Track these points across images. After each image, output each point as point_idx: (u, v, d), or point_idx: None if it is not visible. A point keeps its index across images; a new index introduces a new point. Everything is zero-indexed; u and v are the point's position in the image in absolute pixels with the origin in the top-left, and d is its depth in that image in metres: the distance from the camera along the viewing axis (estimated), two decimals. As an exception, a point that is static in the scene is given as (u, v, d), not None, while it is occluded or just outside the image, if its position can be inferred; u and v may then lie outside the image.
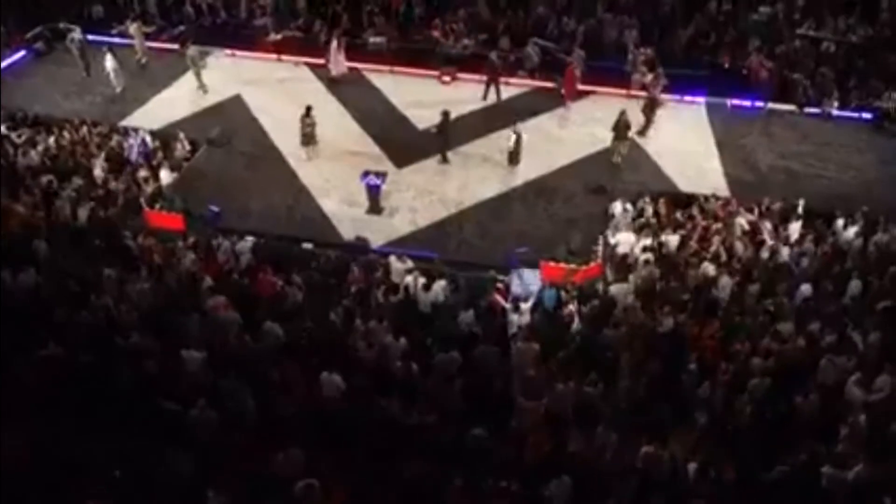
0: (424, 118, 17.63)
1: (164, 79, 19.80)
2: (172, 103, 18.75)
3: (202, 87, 19.07)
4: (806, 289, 12.89)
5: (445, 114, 16.50)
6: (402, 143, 17.23)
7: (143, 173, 15.81)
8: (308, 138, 16.71)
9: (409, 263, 13.41)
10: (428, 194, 15.76)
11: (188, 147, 16.89)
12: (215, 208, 14.80)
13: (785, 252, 13.91)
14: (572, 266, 13.54)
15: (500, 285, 13.31)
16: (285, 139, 17.03)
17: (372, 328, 12.01)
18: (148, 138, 16.92)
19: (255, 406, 10.04)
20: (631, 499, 8.89)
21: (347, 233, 14.63)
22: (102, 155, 16.12)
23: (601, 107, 18.60)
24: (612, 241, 14.39)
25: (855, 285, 12.57)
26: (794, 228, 14.72)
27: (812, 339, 11.51)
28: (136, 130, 17.13)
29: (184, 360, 10.69)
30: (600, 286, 13.35)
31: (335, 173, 16.31)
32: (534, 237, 14.60)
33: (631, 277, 13.18)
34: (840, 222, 14.45)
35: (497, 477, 8.84)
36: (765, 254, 14.06)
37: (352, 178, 15.91)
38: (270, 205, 15.41)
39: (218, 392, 10.19)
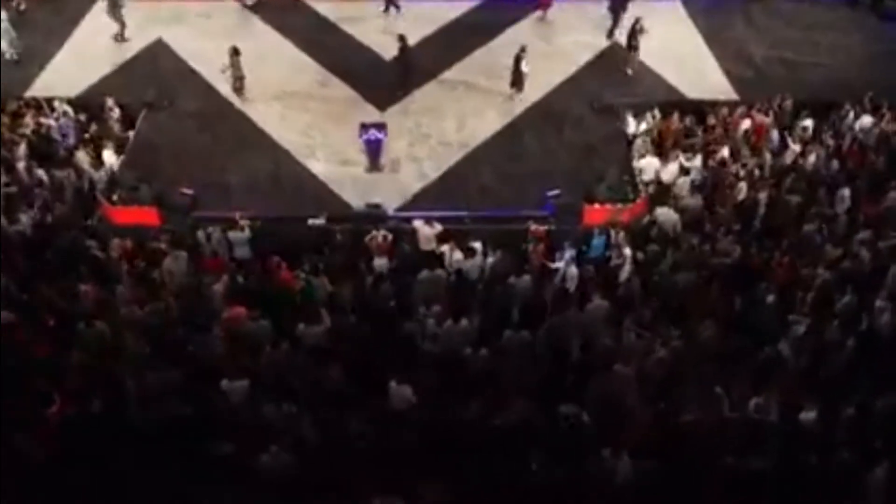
0: (389, 45, 15.29)
1: (58, 27, 16.27)
2: (82, 60, 15.51)
3: (122, 34, 15.77)
4: (845, 193, 12.38)
5: (402, 39, 14.49)
6: (374, 79, 15.06)
7: (81, 157, 12.94)
8: (240, 83, 14.24)
9: (438, 227, 11.78)
10: (425, 139, 13.91)
11: (118, 115, 13.93)
12: (188, 191, 12.35)
13: (811, 156, 13.29)
14: (618, 205, 12.30)
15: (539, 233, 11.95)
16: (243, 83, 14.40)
17: (425, 314, 10.49)
18: (69, 110, 13.89)
19: (320, 434, 8.57)
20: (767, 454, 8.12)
21: (352, 198, 12.64)
22: (23, 142, 13.04)
23: (572, 13, 16.99)
24: (637, 166, 13.28)
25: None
26: (808, 125, 14.05)
27: (873, 247, 11.16)
28: (49, 103, 14.00)
29: (224, 392, 8.99)
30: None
31: (312, 126, 14.09)
32: (556, 172, 13.29)
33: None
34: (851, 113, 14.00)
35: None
36: (788, 159, 13.46)
37: (333, 129, 13.87)
38: (249, 175, 13.13)
39: (273, 424, 8.62)
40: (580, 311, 10.64)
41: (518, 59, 14.27)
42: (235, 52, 14.12)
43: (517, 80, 14.40)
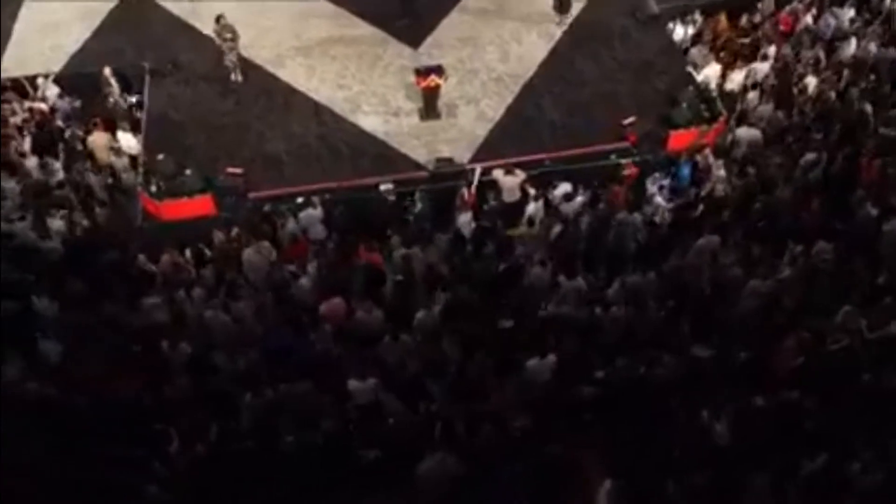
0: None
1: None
2: (48, 27, 13.22)
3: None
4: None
5: None
6: (396, 11, 13.43)
7: (98, 144, 11.16)
8: (235, 55, 12.33)
9: (521, 175, 10.85)
10: (473, 74, 12.68)
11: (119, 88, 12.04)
12: (236, 170, 10.86)
13: (872, 47, 12.80)
14: (702, 127, 11.58)
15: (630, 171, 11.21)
16: (251, 42, 12.63)
17: (538, 274, 9.74)
18: (56, 89, 11.95)
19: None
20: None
21: (418, 154, 11.45)
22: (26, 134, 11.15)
23: None
24: (699, 79, 12.53)
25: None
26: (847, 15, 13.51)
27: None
28: (31, 81, 11.98)
29: (351, 392, 8.22)
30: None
31: (345, 75, 12.55)
32: (621, 96, 12.36)
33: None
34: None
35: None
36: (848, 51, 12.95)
37: (370, 75, 12.36)
38: (294, 141, 11.67)
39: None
40: (691, 246, 10.08)
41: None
42: (218, 19, 12.09)
43: (563, 1, 13.16)
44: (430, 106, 11.86)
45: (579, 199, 10.85)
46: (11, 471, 7.49)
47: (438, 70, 11.56)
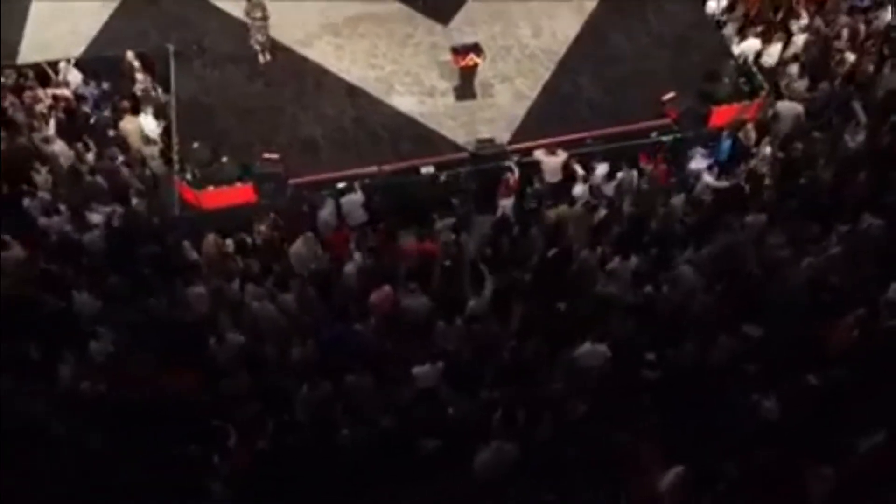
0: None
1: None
2: (64, 11, 12.75)
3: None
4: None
5: None
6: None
7: (129, 130, 10.85)
8: (265, 35, 11.91)
9: (563, 155, 10.68)
10: (506, 51, 12.41)
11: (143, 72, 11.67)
12: (273, 155, 10.59)
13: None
14: (744, 102, 11.40)
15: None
16: (276, 21, 12.24)
17: (587, 256, 9.63)
18: (78, 74, 11.59)
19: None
20: None
21: (457, 135, 11.21)
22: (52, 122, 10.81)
23: None
24: (736, 52, 12.31)
25: None
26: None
27: None
28: (53, 66, 11.60)
29: (414, 377, 8.14)
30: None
31: (375, 54, 12.24)
32: (659, 72, 12.16)
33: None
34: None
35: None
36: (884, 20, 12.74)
37: (401, 54, 12.06)
38: (329, 124, 11.40)
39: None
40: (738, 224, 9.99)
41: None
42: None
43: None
44: (466, 85, 11.59)
45: (621, 176, 10.72)
46: (73, 471, 7.40)
47: (476, 49, 11.28)
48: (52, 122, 10.89)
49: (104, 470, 7.49)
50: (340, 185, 10.25)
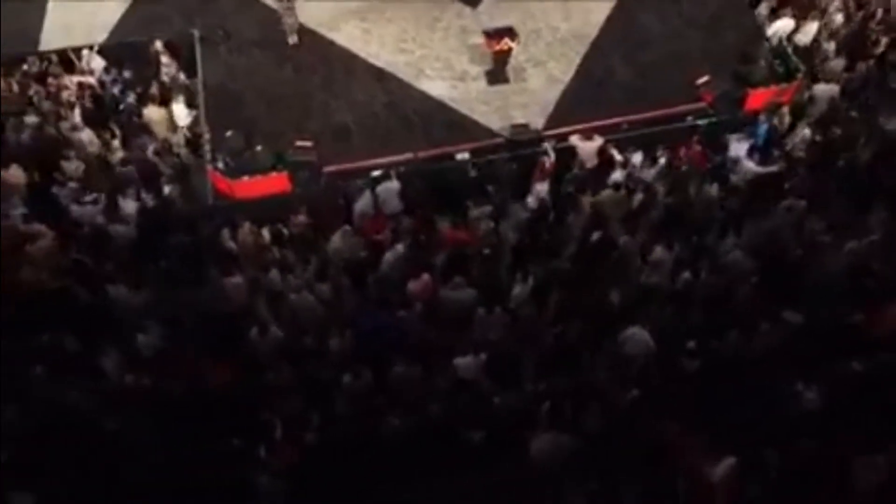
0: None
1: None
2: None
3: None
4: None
5: None
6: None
7: (155, 118, 10.66)
8: (294, 17, 11.74)
9: (599, 140, 10.53)
10: (536, 35, 12.19)
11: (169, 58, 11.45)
12: (305, 142, 10.42)
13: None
14: (781, 85, 11.23)
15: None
16: (304, 4, 12.01)
17: (627, 243, 9.55)
18: (101, 61, 11.37)
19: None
20: None
21: (490, 120, 11.05)
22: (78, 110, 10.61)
23: None
24: (769, 32, 12.12)
25: None
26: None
27: None
28: (77, 53, 11.38)
29: (456, 367, 8.09)
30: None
31: (404, 38, 12.03)
32: (691, 53, 11.98)
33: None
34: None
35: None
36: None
37: (430, 37, 11.85)
38: (361, 111, 11.20)
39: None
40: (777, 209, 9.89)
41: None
42: None
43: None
44: (498, 70, 11.41)
45: (657, 161, 10.60)
46: (120, 465, 7.33)
47: (510, 32, 11.08)
48: (77, 111, 10.65)
49: (150, 463, 7.42)
50: (376, 172, 10.09)
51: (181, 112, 10.82)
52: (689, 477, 7.01)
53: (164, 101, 10.93)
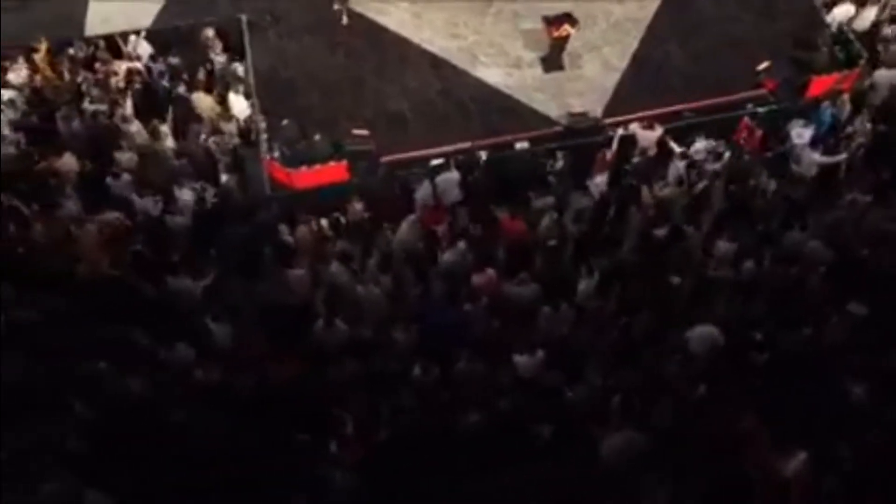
0: None
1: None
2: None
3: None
4: None
5: None
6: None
7: (205, 106, 10.48)
8: None
9: (659, 129, 10.35)
10: (592, 20, 11.92)
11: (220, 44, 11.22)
12: (362, 131, 10.24)
13: None
14: (844, 71, 11.00)
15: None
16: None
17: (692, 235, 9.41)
18: (149, 47, 11.16)
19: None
20: None
21: (548, 108, 10.85)
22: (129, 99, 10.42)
23: None
24: (828, 19, 11.88)
25: None
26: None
27: None
28: (124, 38, 11.16)
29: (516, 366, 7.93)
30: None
31: (456, 23, 11.77)
32: (747, 38, 11.74)
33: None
34: None
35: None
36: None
37: (482, 23, 11.61)
38: (415, 98, 11.00)
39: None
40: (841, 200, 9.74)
41: None
42: None
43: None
44: (554, 56, 11.19)
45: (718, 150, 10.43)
46: (192, 459, 7.27)
47: (570, 18, 10.85)
48: (129, 100, 10.45)
49: (222, 457, 7.35)
50: (435, 162, 9.92)
51: (238, 102, 10.60)
52: (761, 472, 6.92)
53: (210, 89, 10.71)
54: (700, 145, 10.46)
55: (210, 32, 11.08)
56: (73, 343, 7.79)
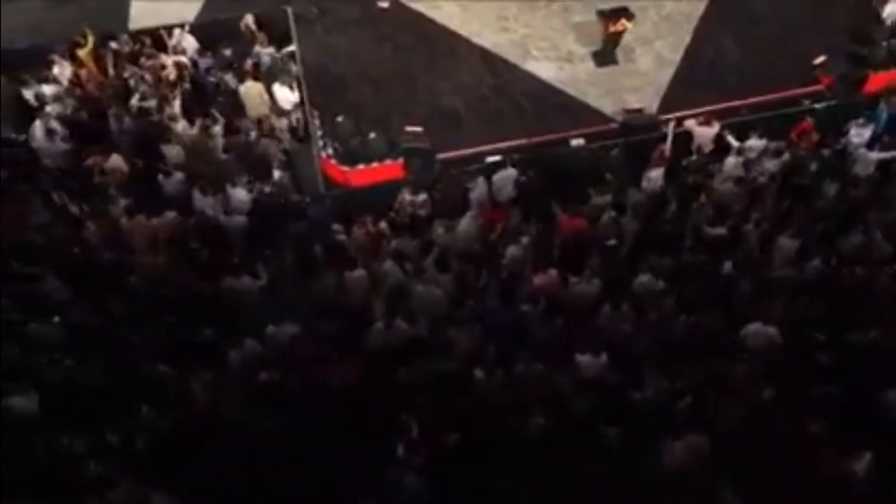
0: None
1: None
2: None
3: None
4: None
5: None
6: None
7: (254, 102, 10.30)
8: None
9: (716, 126, 10.17)
10: (642, 12, 11.70)
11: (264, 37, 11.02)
12: (416, 128, 10.08)
13: None
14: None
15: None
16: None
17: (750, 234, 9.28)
18: (193, 41, 10.97)
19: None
20: None
21: (603, 104, 10.67)
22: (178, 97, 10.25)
23: None
24: (884, 13, 11.66)
25: None
26: None
27: None
28: (168, 32, 10.97)
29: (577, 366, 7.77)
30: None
31: (506, 16, 11.60)
32: (801, 32, 11.45)
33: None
34: None
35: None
36: None
37: (532, 16, 11.42)
38: (469, 94, 10.81)
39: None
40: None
41: None
42: None
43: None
44: (607, 50, 11.00)
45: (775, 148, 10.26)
46: (258, 461, 7.19)
47: (626, 13, 10.65)
48: (177, 96, 10.28)
49: (285, 459, 7.28)
50: (491, 158, 9.77)
51: (285, 96, 10.41)
52: (829, 474, 6.84)
53: (256, 79, 10.51)
54: (753, 142, 10.27)
55: (251, 21, 10.83)
56: (133, 345, 7.70)
